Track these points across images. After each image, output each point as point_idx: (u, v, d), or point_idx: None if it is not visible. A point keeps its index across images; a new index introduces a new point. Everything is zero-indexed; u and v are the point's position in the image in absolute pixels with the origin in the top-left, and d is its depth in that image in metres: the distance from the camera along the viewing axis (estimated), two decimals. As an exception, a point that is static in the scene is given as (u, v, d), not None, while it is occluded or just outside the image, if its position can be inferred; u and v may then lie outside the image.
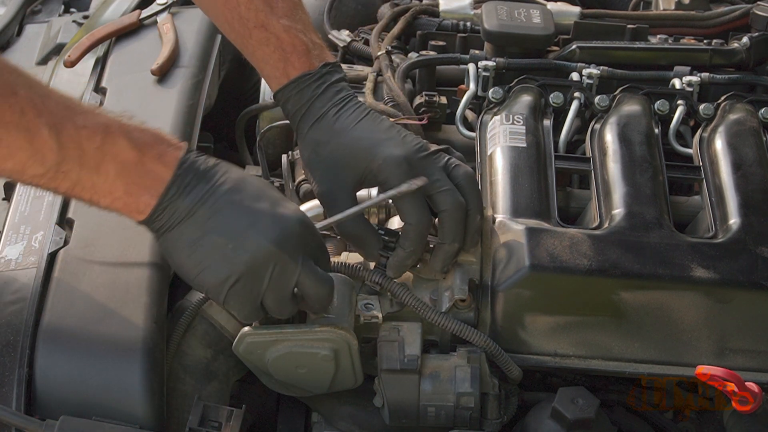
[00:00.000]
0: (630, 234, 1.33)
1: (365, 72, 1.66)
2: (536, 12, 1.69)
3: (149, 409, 1.17)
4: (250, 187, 1.18)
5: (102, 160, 1.12)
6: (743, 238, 1.33)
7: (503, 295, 1.29)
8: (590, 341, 1.30)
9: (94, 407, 1.16)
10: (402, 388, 1.29)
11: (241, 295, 1.17)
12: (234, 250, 1.14)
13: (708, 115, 1.53)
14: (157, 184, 1.14)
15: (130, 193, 1.14)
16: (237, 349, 1.29)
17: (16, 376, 1.17)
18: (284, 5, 1.33)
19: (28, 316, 1.21)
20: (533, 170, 1.41)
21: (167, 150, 1.15)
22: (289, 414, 1.42)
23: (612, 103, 1.53)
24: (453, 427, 1.30)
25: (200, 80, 1.61)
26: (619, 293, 1.28)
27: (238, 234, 1.15)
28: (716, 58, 1.68)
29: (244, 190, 1.17)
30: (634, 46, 1.70)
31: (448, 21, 1.83)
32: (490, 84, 1.59)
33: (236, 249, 1.14)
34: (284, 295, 1.18)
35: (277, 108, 1.70)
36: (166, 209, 1.14)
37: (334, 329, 1.25)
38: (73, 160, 1.11)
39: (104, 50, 1.70)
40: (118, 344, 1.19)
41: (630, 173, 1.40)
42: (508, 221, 1.34)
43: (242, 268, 1.15)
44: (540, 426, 1.26)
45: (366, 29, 1.86)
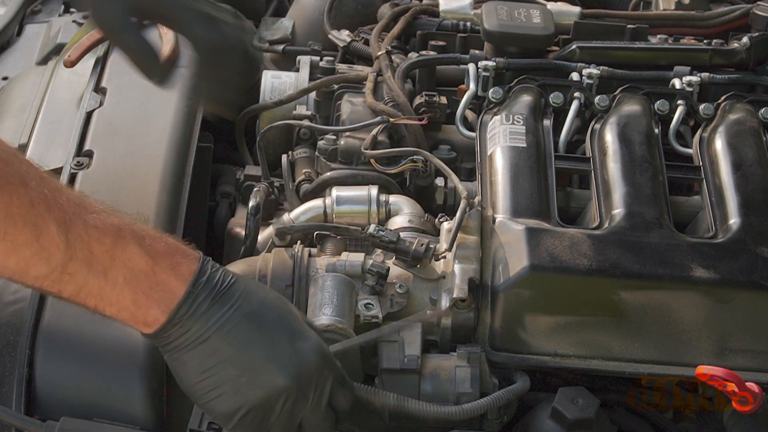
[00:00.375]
0: (630, 234, 1.33)
1: (365, 72, 1.66)
2: (536, 12, 1.69)
3: (149, 410, 1.17)
4: (269, 314, 1.12)
5: (111, 264, 1.05)
6: (743, 238, 1.33)
7: (503, 295, 1.29)
8: (590, 341, 1.30)
9: (95, 408, 1.16)
10: (402, 388, 1.28)
11: (248, 425, 1.12)
12: (248, 384, 1.09)
13: (708, 115, 1.53)
14: (169, 298, 1.07)
15: (139, 304, 1.06)
16: (237, 350, 1.29)
17: (16, 376, 1.17)
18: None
19: (28, 316, 1.21)
20: (533, 170, 1.41)
21: (181, 261, 1.08)
22: (289, 414, 1.42)
23: (612, 103, 1.52)
24: (453, 427, 1.30)
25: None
26: (619, 293, 1.28)
27: (253, 368, 1.09)
28: (716, 58, 1.68)
29: (263, 317, 1.11)
30: (634, 46, 1.70)
31: (448, 21, 1.83)
32: (490, 84, 1.59)
33: (251, 383, 1.09)
34: (291, 428, 1.15)
35: (277, 108, 1.71)
36: (176, 328, 1.07)
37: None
38: (81, 262, 1.03)
39: (104, 50, 1.70)
40: (119, 345, 1.19)
41: (630, 173, 1.40)
42: (508, 221, 1.34)
43: (255, 402, 1.10)
44: (540, 426, 1.26)
45: (366, 29, 1.86)
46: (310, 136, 1.62)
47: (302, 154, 1.61)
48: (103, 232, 1.05)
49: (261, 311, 1.11)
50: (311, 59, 1.76)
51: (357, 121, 1.55)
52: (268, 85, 1.74)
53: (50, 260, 1.02)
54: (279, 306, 1.14)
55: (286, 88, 1.73)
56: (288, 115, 1.68)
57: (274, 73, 1.77)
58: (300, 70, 1.76)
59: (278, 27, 1.96)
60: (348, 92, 1.64)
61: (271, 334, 1.11)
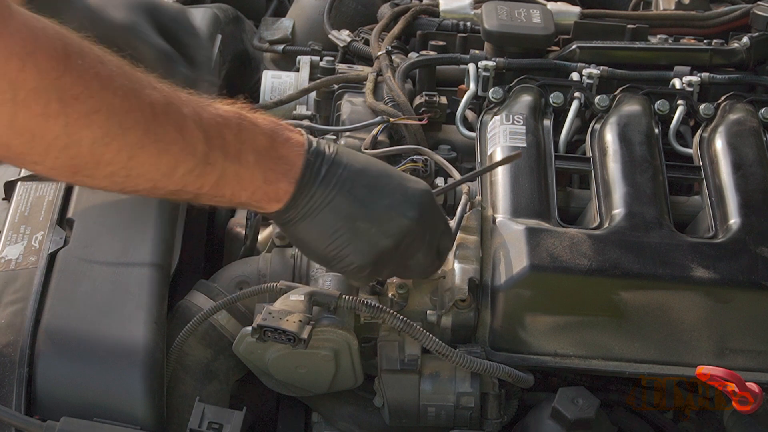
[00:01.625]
0: (630, 234, 1.33)
1: (365, 72, 1.66)
2: (536, 12, 1.69)
3: (150, 410, 1.17)
4: (377, 167, 1.19)
5: (241, 148, 1.10)
6: (743, 238, 1.33)
7: (503, 295, 1.29)
8: (590, 341, 1.30)
9: (95, 408, 1.16)
10: (402, 388, 1.29)
11: (378, 272, 1.22)
12: (378, 233, 1.17)
13: (708, 115, 1.53)
14: (292, 169, 1.13)
15: (269, 181, 1.12)
16: (237, 349, 1.29)
17: (16, 376, 1.17)
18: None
19: (28, 316, 1.21)
20: (533, 170, 1.41)
21: (289, 134, 1.15)
22: (289, 414, 1.42)
23: (612, 103, 1.52)
24: (453, 427, 1.30)
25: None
26: (619, 293, 1.28)
27: (380, 217, 1.16)
28: (716, 58, 1.68)
29: (372, 171, 1.18)
30: (634, 46, 1.70)
31: (448, 21, 1.83)
32: (490, 84, 1.59)
33: (381, 231, 1.17)
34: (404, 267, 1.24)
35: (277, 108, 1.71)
36: (303, 196, 1.13)
37: (334, 329, 1.25)
38: (218, 150, 1.08)
39: (104, 50, 1.69)
40: (119, 345, 1.19)
41: (630, 173, 1.40)
42: (508, 221, 1.34)
43: (388, 246, 1.18)
44: (540, 426, 1.26)
45: (366, 29, 1.86)
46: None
47: (302, 154, 1.61)
48: (226, 119, 1.09)
49: (370, 165, 1.19)
50: (311, 59, 1.76)
51: (357, 121, 1.55)
52: (268, 85, 1.74)
53: (195, 153, 1.06)
54: (381, 162, 1.22)
55: (286, 88, 1.73)
56: (288, 115, 1.68)
57: (274, 73, 1.77)
58: (300, 70, 1.76)
59: (278, 27, 1.96)
60: (348, 92, 1.64)
61: (385, 183, 1.18)
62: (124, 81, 1.00)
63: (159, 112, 1.02)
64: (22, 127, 0.95)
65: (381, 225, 1.17)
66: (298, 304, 1.23)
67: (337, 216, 1.15)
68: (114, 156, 1.01)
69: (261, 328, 1.20)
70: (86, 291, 1.24)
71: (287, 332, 1.19)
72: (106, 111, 0.98)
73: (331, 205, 1.15)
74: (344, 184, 1.15)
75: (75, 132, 0.97)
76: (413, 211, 1.18)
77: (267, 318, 1.20)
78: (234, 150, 1.09)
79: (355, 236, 1.16)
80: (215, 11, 1.81)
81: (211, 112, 1.08)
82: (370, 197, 1.16)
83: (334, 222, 1.15)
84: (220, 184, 1.10)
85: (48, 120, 0.95)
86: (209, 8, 1.82)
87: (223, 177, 1.09)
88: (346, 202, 1.15)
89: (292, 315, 1.21)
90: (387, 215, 1.17)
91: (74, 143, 0.98)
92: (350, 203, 1.15)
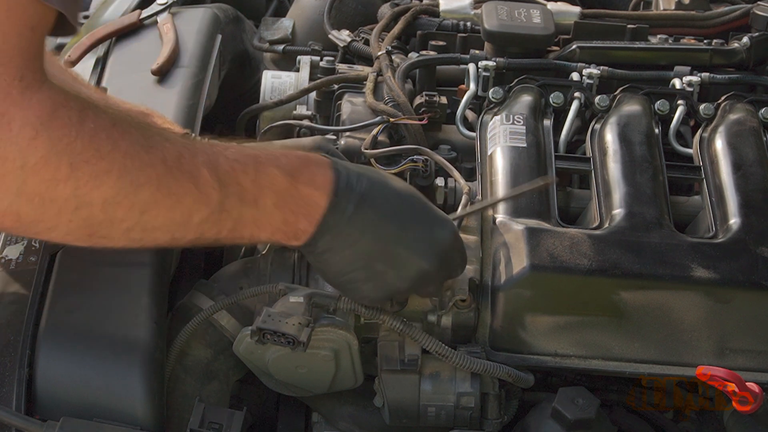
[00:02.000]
0: (630, 234, 1.33)
1: (365, 72, 1.66)
2: (536, 12, 1.69)
3: (150, 409, 1.17)
4: (407, 208, 1.18)
5: (259, 192, 1.09)
6: (743, 238, 1.33)
7: (503, 295, 1.29)
8: (590, 341, 1.30)
9: (95, 408, 1.16)
10: (402, 388, 1.29)
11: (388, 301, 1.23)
12: (396, 276, 1.17)
13: (708, 115, 1.53)
14: (314, 210, 1.12)
15: (288, 222, 1.12)
16: (237, 349, 1.29)
17: (16, 376, 1.17)
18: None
19: (28, 316, 1.21)
20: (533, 170, 1.41)
21: (316, 171, 1.13)
22: (289, 414, 1.42)
23: (612, 103, 1.52)
24: (453, 427, 1.30)
25: (200, 80, 1.61)
26: (620, 293, 1.28)
27: (400, 262, 1.16)
28: (716, 58, 1.68)
29: (403, 213, 1.17)
30: (634, 46, 1.70)
31: (449, 21, 1.83)
32: (490, 84, 1.59)
33: (398, 276, 1.17)
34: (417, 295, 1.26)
35: (277, 108, 1.71)
36: (324, 236, 1.13)
37: (334, 329, 1.25)
38: (234, 196, 1.08)
39: (104, 50, 1.70)
40: (119, 345, 1.19)
41: (630, 173, 1.40)
42: (508, 221, 1.34)
43: (403, 288, 1.19)
44: (540, 426, 1.26)
45: (366, 29, 1.86)
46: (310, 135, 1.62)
47: (302, 154, 1.61)
48: (244, 164, 1.09)
49: (400, 207, 1.17)
50: (311, 59, 1.76)
51: (357, 121, 1.55)
52: (268, 85, 1.74)
53: (209, 202, 1.06)
54: (413, 196, 1.20)
55: (286, 88, 1.73)
56: (288, 115, 1.68)
57: (274, 73, 1.77)
58: (300, 70, 1.76)
59: (278, 27, 1.96)
60: (348, 92, 1.64)
61: (412, 227, 1.17)
62: (136, 138, 1.01)
63: (171, 166, 1.03)
64: (32, 193, 0.95)
65: (400, 270, 1.17)
66: (297, 305, 1.23)
67: (358, 256, 1.15)
68: (127, 213, 1.01)
69: (260, 330, 1.20)
70: (86, 291, 1.24)
71: (286, 335, 1.19)
72: (117, 171, 0.98)
73: (355, 246, 1.14)
74: (371, 227, 1.14)
75: (86, 194, 0.97)
76: (435, 260, 1.18)
77: (266, 320, 1.20)
78: (251, 195, 1.09)
79: (372, 276, 1.17)
80: (215, 11, 1.81)
81: (227, 157, 1.08)
82: (395, 242, 1.16)
83: (355, 260, 1.15)
84: (237, 228, 1.10)
85: (58, 184, 0.95)
86: (209, 8, 1.82)
87: (240, 221, 1.09)
88: (369, 244, 1.15)
89: (292, 317, 1.21)
90: (408, 262, 1.17)
91: (85, 204, 0.98)
92: (373, 245, 1.15)
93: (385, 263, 1.16)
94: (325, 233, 1.13)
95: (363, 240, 1.14)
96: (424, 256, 1.17)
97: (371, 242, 1.15)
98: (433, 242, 1.18)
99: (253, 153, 1.11)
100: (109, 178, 0.98)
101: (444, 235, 1.20)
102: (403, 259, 1.17)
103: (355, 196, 1.14)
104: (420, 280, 1.19)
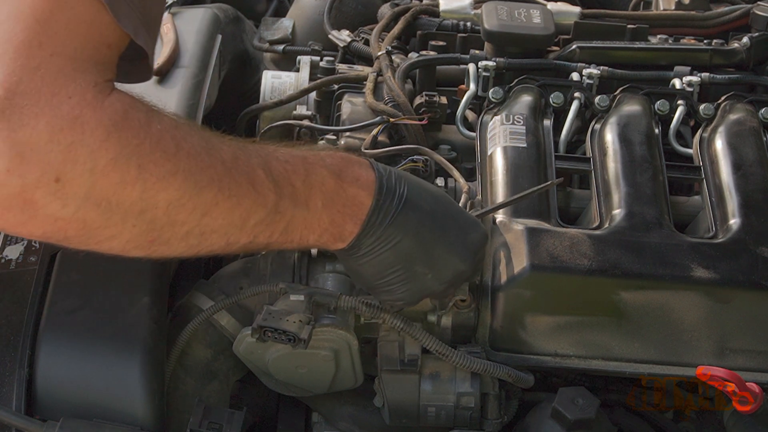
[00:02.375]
0: (630, 234, 1.33)
1: (365, 72, 1.66)
2: (536, 12, 1.68)
3: (150, 409, 1.17)
4: (443, 210, 1.20)
5: (310, 193, 1.10)
6: (743, 238, 1.33)
7: (503, 295, 1.29)
8: (590, 341, 1.30)
9: (95, 408, 1.16)
10: (402, 388, 1.29)
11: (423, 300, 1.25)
12: (433, 278, 1.19)
13: (708, 115, 1.53)
14: (359, 210, 1.13)
15: (335, 223, 1.13)
16: (237, 349, 1.29)
17: (16, 376, 1.17)
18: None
19: (28, 316, 1.21)
20: (533, 170, 1.41)
21: (359, 171, 1.14)
22: (289, 414, 1.42)
23: (612, 103, 1.52)
24: (453, 427, 1.30)
25: (200, 80, 1.61)
26: (620, 293, 1.28)
27: (438, 264, 1.18)
28: (716, 58, 1.68)
29: (439, 215, 1.19)
30: (634, 46, 1.70)
31: (448, 21, 1.83)
32: (490, 84, 1.59)
33: (436, 278, 1.19)
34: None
35: (277, 108, 1.71)
36: (368, 236, 1.14)
37: (334, 329, 1.25)
38: (288, 198, 1.08)
39: (104, 50, 1.69)
40: (119, 344, 1.19)
41: (630, 173, 1.40)
42: (508, 221, 1.34)
43: (440, 290, 1.22)
44: (540, 426, 1.26)
45: (366, 29, 1.86)
46: (310, 136, 1.62)
47: (302, 154, 1.61)
48: (294, 165, 1.10)
49: (438, 209, 1.19)
50: (311, 59, 1.76)
51: (357, 121, 1.55)
52: (268, 85, 1.74)
53: (266, 203, 1.06)
54: (447, 199, 1.23)
55: (286, 88, 1.73)
56: (288, 115, 1.68)
57: (274, 73, 1.77)
58: (300, 70, 1.76)
59: (278, 27, 1.96)
60: (348, 92, 1.64)
61: (450, 229, 1.19)
62: (197, 140, 1.02)
63: (230, 167, 1.03)
64: (100, 197, 0.95)
65: (438, 271, 1.19)
66: (298, 304, 1.23)
67: (399, 257, 1.16)
68: (189, 215, 1.01)
69: (261, 328, 1.20)
70: (86, 291, 1.24)
71: (287, 332, 1.19)
72: (183, 172, 0.99)
73: (396, 246, 1.15)
74: (412, 228, 1.16)
75: (152, 196, 0.97)
76: (470, 261, 1.21)
77: (267, 318, 1.20)
78: (303, 196, 1.09)
79: (411, 278, 1.18)
80: (215, 11, 1.81)
81: (279, 158, 1.09)
82: (434, 244, 1.18)
83: (395, 262, 1.17)
84: (288, 230, 1.10)
85: (126, 187, 0.95)
86: (209, 8, 1.82)
87: (291, 223, 1.10)
88: (410, 245, 1.16)
89: (292, 315, 1.21)
90: (445, 263, 1.19)
91: (151, 207, 0.98)
92: (413, 246, 1.16)
93: (424, 264, 1.18)
94: (369, 233, 1.14)
95: (404, 241, 1.15)
96: (462, 257, 1.20)
97: (412, 243, 1.16)
98: (469, 244, 1.21)
99: (301, 154, 1.12)
100: (175, 179, 0.98)
101: (477, 237, 1.23)
102: (442, 260, 1.19)
103: (397, 196, 1.15)
104: (454, 281, 1.21)
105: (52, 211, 0.93)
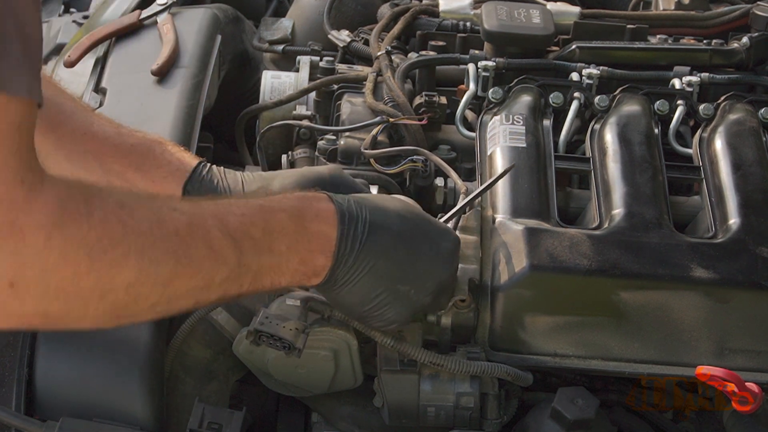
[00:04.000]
0: (630, 234, 1.33)
1: (365, 72, 1.66)
2: (536, 12, 1.69)
3: (149, 409, 1.17)
4: (411, 225, 1.20)
5: (271, 240, 1.09)
6: (743, 238, 1.33)
7: (503, 295, 1.29)
8: (590, 341, 1.30)
9: (95, 408, 1.16)
10: (402, 388, 1.29)
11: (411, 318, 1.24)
12: (417, 293, 1.20)
13: (708, 115, 1.53)
14: (327, 243, 1.13)
15: (305, 261, 1.12)
16: (237, 349, 1.29)
17: (16, 376, 1.17)
18: None
19: (28, 316, 1.21)
20: (533, 170, 1.41)
21: (320, 206, 1.14)
22: (289, 414, 1.42)
23: (612, 103, 1.52)
24: (453, 427, 1.30)
25: (200, 80, 1.61)
26: (619, 293, 1.28)
27: (417, 279, 1.19)
28: (716, 58, 1.68)
29: (408, 231, 1.19)
30: (634, 46, 1.70)
31: (448, 21, 1.83)
32: (489, 84, 1.59)
33: (419, 292, 1.20)
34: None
35: (276, 108, 1.71)
36: (342, 266, 1.14)
37: (333, 330, 1.25)
38: (249, 251, 1.08)
39: (104, 50, 1.70)
40: (118, 345, 1.19)
41: (630, 173, 1.40)
42: (508, 221, 1.34)
43: (426, 303, 1.22)
44: (540, 426, 1.26)
45: (366, 29, 1.86)
46: (309, 136, 1.62)
47: (302, 155, 1.61)
48: (251, 216, 1.09)
49: (406, 226, 1.19)
50: (311, 59, 1.76)
51: (357, 121, 1.55)
52: (268, 85, 1.74)
53: (227, 261, 1.05)
54: (414, 213, 1.23)
55: (286, 88, 1.73)
56: (288, 115, 1.68)
57: (274, 73, 1.77)
58: (300, 70, 1.76)
59: (278, 27, 1.96)
60: (348, 92, 1.64)
61: (422, 243, 1.20)
62: (145, 214, 1.00)
63: (184, 235, 1.02)
64: (56, 291, 0.94)
65: (420, 285, 1.19)
66: (293, 309, 1.23)
67: (378, 281, 1.16)
68: (151, 290, 1.00)
69: (257, 332, 1.20)
70: (86, 291, 1.24)
71: (283, 339, 1.19)
72: (135, 253, 0.97)
73: (372, 271, 1.15)
74: (383, 249, 1.16)
75: (108, 281, 0.96)
76: (448, 268, 1.22)
77: (264, 323, 1.20)
78: (265, 245, 1.09)
79: (396, 298, 1.18)
80: (215, 11, 1.81)
81: (234, 213, 1.08)
82: (409, 260, 1.18)
83: (376, 286, 1.17)
84: (258, 279, 1.10)
85: (81, 278, 0.94)
86: (209, 8, 1.82)
87: (259, 273, 1.09)
88: (385, 266, 1.16)
89: (289, 322, 1.21)
90: (425, 276, 1.19)
91: (109, 291, 0.97)
92: (389, 267, 1.16)
93: (404, 282, 1.18)
94: (342, 263, 1.14)
95: (379, 263, 1.15)
96: (439, 266, 1.21)
97: (387, 264, 1.16)
98: (443, 252, 1.21)
99: (257, 203, 1.12)
100: (128, 261, 0.97)
101: (450, 244, 1.23)
102: (421, 274, 1.19)
103: (361, 221, 1.15)
104: (439, 290, 1.22)
105: (12, 309, 0.93)
